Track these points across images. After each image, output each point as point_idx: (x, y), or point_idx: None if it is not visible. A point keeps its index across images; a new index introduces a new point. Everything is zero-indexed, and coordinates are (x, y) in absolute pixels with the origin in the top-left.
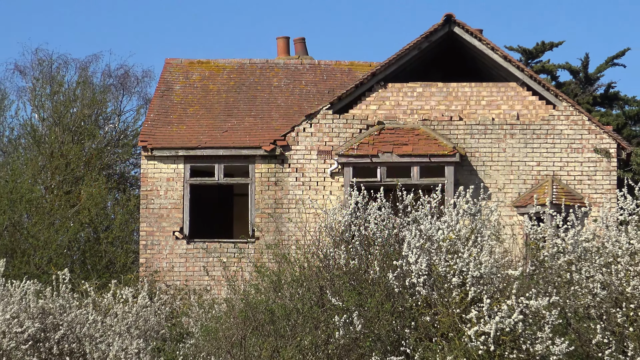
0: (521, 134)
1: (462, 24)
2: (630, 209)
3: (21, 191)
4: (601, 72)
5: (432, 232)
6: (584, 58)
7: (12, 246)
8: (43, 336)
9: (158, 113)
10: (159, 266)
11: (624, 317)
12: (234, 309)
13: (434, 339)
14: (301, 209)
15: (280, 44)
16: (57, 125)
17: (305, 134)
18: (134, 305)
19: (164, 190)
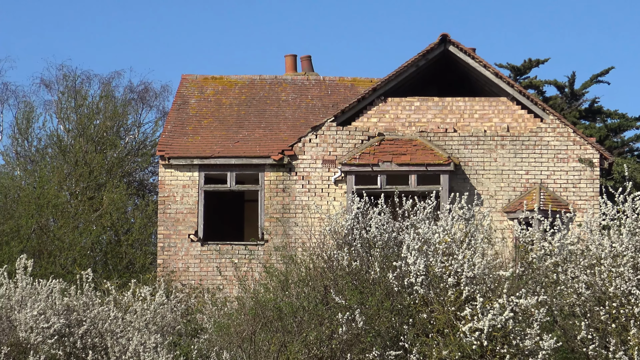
0: (511, 145)
1: (456, 43)
2: (612, 214)
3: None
4: (586, 88)
5: (429, 235)
6: (570, 75)
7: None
8: (68, 331)
9: (175, 125)
10: (175, 266)
11: (607, 315)
12: (245, 307)
13: (431, 335)
14: (307, 214)
15: (288, 61)
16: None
17: (311, 145)
18: (152, 303)
19: (180, 196)
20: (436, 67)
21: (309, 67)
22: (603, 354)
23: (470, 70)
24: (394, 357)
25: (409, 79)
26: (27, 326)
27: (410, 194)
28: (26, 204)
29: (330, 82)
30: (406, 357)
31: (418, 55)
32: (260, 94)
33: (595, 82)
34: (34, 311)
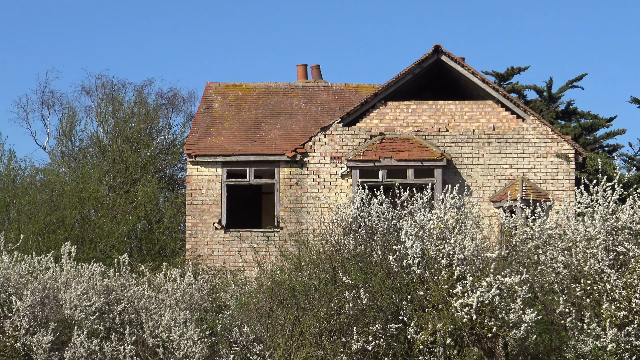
0: (496, 142)
1: (448, 53)
2: (586, 203)
3: (89, 191)
4: (562, 92)
5: (425, 222)
6: (548, 81)
7: (82, 235)
8: (107, 309)
9: (200, 127)
10: (202, 251)
11: (582, 291)
12: (263, 286)
13: (427, 310)
14: (317, 204)
15: (299, 70)
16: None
17: (320, 143)
18: (181, 283)
19: (206, 190)
20: (430, 74)
21: (318, 75)
22: (579, 326)
23: (460, 77)
24: (395, 330)
25: (406, 85)
26: (72, 304)
27: (408, 186)
28: (70, 197)
29: (337, 88)
30: (405, 330)
31: (414, 64)
32: (275, 99)
33: (570, 87)
34: (78, 291)
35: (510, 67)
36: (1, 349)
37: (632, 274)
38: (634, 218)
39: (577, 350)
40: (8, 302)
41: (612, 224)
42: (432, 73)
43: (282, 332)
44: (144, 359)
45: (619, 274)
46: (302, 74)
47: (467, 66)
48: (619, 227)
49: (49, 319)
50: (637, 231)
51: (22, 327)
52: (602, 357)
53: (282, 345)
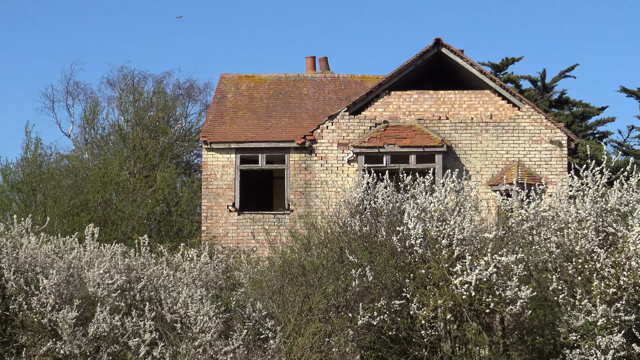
0: (493, 130)
1: (447, 46)
2: (577, 186)
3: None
4: (555, 82)
5: (426, 205)
6: (542, 71)
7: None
8: (128, 286)
9: (215, 115)
10: (217, 232)
11: (574, 270)
12: (274, 265)
13: (428, 287)
14: (325, 188)
15: (308, 62)
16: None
17: (328, 131)
18: (197, 263)
19: (220, 174)
20: (431, 66)
21: (326, 66)
22: (571, 302)
23: (459, 68)
24: (398, 306)
25: (408, 76)
26: (95, 282)
27: (411, 171)
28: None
29: (344, 79)
30: (408, 306)
31: (416, 56)
32: (285, 89)
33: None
34: (100, 270)
35: (505, 58)
36: (29, 325)
37: (621, 253)
38: (621, 200)
39: (569, 325)
40: (35, 280)
41: (602, 206)
42: (432, 64)
43: (293, 308)
44: (162, 334)
45: (608, 254)
46: (310, 65)
47: (465, 58)
48: (608, 209)
49: (74, 296)
50: (625, 213)
51: (48, 304)
52: (592, 332)
53: (293, 320)
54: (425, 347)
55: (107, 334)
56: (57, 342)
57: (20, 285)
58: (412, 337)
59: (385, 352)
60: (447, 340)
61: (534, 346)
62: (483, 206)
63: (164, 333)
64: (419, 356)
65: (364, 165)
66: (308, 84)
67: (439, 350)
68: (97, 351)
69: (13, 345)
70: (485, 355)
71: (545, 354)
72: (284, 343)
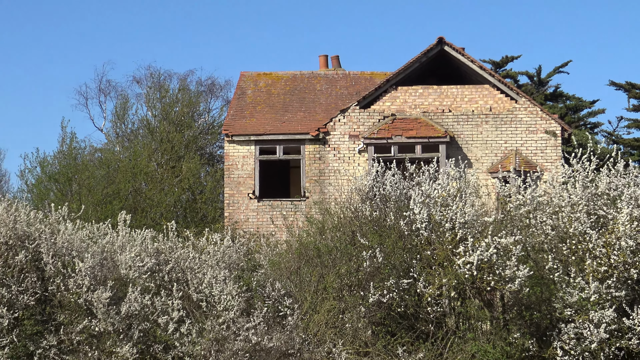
0: (493, 121)
1: (450, 44)
2: (569, 173)
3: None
4: (550, 77)
5: (431, 191)
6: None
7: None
8: (157, 268)
9: (236, 110)
10: (238, 218)
11: (568, 250)
12: (291, 248)
13: (433, 267)
14: (338, 177)
15: (321, 60)
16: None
17: (340, 124)
18: (221, 246)
19: (241, 165)
20: (435, 62)
21: (338, 64)
22: (565, 280)
23: (461, 64)
24: (406, 284)
25: (414, 72)
26: (127, 265)
27: (416, 160)
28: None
29: (354, 76)
30: (415, 284)
31: (420, 53)
32: (300, 85)
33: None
34: (132, 253)
35: (505, 56)
36: (66, 304)
37: (611, 234)
38: (610, 185)
39: (564, 301)
40: (72, 263)
41: (592, 191)
42: (436, 61)
43: (309, 287)
44: (189, 312)
45: (600, 235)
46: (323, 63)
47: (467, 55)
48: (599, 193)
49: (107, 278)
50: (614, 197)
51: (84, 285)
52: (586, 307)
53: (309, 298)
54: (431, 323)
55: (138, 312)
56: (92, 320)
57: (58, 268)
58: (419, 313)
59: (394, 327)
60: (451, 316)
61: (531, 321)
62: (483, 192)
63: (190, 311)
64: (425, 331)
65: (374, 155)
66: (321, 80)
67: (444, 325)
68: (129, 328)
69: (52, 323)
70: (486, 330)
71: (542, 328)
72: (301, 319)
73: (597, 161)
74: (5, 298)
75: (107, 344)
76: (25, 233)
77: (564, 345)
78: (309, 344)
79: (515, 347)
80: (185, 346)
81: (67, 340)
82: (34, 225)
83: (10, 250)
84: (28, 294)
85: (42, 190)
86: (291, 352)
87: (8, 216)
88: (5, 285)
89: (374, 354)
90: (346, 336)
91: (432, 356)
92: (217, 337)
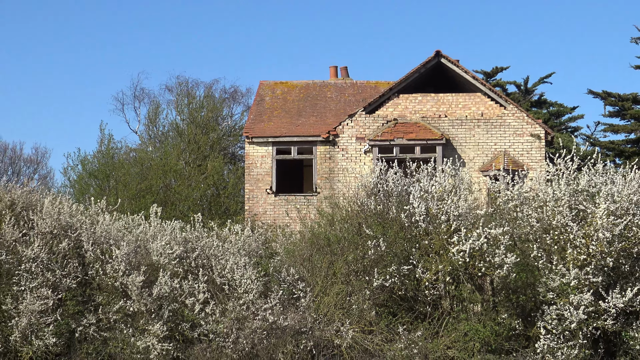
0: (484, 125)
1: (446, 57)
2: (553, 171)
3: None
4: (535, 86)
5: (428, 187)
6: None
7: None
8: (185, 255)
9: (255, 115)
10: (257, 211)
11: (551, 240)
12: (304, 237)
13: (430, 255)
14: (346, 174)
15: (331, 70)
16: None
17: (348, 127)
18: (241, 236)
19: (260, 163)
20: (432, 73)
21: (346, 74)
22: (548, 267)
23: (455, 74)
24: (406, 270)
25: (414, 81)
26: (158, 252)
27: (416, 160)
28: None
29: (361, 84)
30: (414, 270)
31: (420, 65)
32: (313, 93)
33: (541, 82)
34: (162, 242)
35: (495, 67)
36: (104, 287)
37: (590, 226)
38: (590, 183)
39: (547, 286)
40: (109, 251)
41: (574, 187)
42: (434, 72)
43: (320, 272)
44: (213, 294)
45: (580, 227)
46: (333, 73)
47: (461, 67)
48: (579, 190)
49: (141, 263)
50: (593, 193)
51: (120, 270)
52: (566, 291)
53: (320, 283)
54: (428, 304)
55: (168, 294)
56: (127, 301)
57: (97, 255)
58: (417, 296)
59: (395, 309)
60: (446, 299)
61: (518, 303)
62: (475, 188)
63: (214, 293)
64: (423, 312)
65: (378, 155)
66: (331, 88)
67: (439, 306)
68: (159, 308)
69: (91, 304)
70: (477, 311)
71: (527, 309)
72: (313, 301)
73: (579, 161)
74: (51, 281)
75: (140, 323)
76: (68, 223)
77: (547, 325)
78: (320, 323)
79: (503, 327)
80: (210, 325)
81: (104, 319)
82: (75, 217)
83: (54, 239)
84: (70, 278)
85: (82, 186)
86: (304, 330)
87: (53, 208)
88: (50, 270)
89: (377, 332)
90: (353, 316)
91: (429, 334)
92: (238, 317)
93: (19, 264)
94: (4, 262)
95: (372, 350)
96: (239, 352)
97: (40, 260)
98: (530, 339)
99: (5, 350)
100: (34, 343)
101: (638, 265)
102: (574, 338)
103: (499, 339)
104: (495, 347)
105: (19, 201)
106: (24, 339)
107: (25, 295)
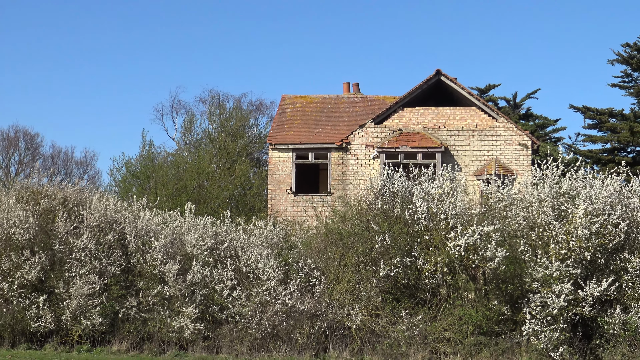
0: (478, 135)
1: (445, 75)
2: (538, 177)
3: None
4: (523, 101)
5: (429, 189)
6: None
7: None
8: (215, 247)
9: (278, 125)
10: (279, 209)
11: (536, 236)
12: (320, 232)
13: (430, 249)
14: (356, 177)
15: (345, 86)
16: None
17: (359, 136)
18: (265, 230)
19: (281, 167)
20: (433, 89)
21: (357, 89)
22: (534, 260)
23: (453, 90)
24: (409, 262)
25: (416, 96)
26: (191, 244)
27: (418, 165)
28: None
29: (370, 98)
30: (416, 262)
31: (422, 82)
32: (328, 106)
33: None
34: (195, 235)
35: (488, 84)
36: (144, 274)
37: (570, 225)
38: (571, 187)
39: (532, 277)
40: (149, 242)
41: (557, 190)
42: (434, 88)
43: (333, 263)
44: (239, 281)
45: (561, 225)
46: (346, 88)
47: (458, 84)
48: (561, 192)
49: (176, 253)
50: (573, 195)
51: (158, 259)
52: (549, 281)
53: (333, 272)
54: (428, 292)
55: (200, 281)
56: (164, 286)
57: (139, 245)
58: (418, 285)
59: (399, 295)
60: (444, 287)
61: (506, 291)
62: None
63: (240, 280)
64: (423, 298)
65: (385, 160)
66: (344, 102)
67: (438, 294)
68: (192, 293)
69: (133, 288)
70: (471, 298)
71: (515, 297)
72: (327, 288)
73: (563, 168)
74: (97, 268)
75: (175, 305)
76: (114, 218)
77: (532, 311)
78: (333, 307)
79: (494, 312)
80: (236, 308)
81: (144, 302)
82: (120, 212)
83: (101, 232)
84: (115, 266)
85: (126, 185)
86: (318, 314)
87: (100, 205)
88: (97, 258)
89: (383, 316)
90: (361, 302)
91: (429, 318)
92: (261, 301)
93: (70, 253)
94: (57, 252)
95: (378, 331)
96: (261, 332)
97: (88, 250)
98: (517, 323)
99: (58, 328)
100: (82, 322)
101: (612, 259)
102: (556, 322)
103: (489, 323)
104: (486, 329)
105: (70, 198)
106: (74, 318)
107: (75, 281)
